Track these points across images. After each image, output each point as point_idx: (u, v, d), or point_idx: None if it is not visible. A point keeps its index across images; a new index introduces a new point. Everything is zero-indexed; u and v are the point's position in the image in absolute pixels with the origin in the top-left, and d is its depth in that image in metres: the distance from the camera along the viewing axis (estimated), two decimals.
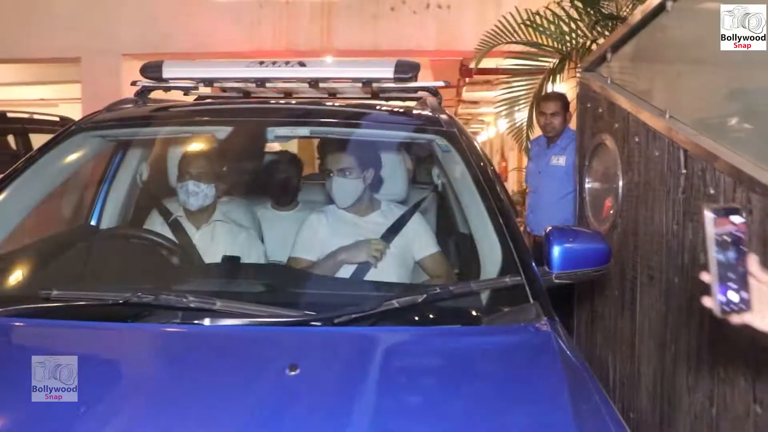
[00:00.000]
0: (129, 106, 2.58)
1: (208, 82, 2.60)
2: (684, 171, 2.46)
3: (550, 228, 2.00)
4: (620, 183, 3.02)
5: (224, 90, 2.83)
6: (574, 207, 3.67)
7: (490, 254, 2.01)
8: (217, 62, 2.58)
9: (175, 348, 1.67)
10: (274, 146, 3.24)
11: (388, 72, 2.49)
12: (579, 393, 1.47)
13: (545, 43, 4.64)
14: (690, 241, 2.40)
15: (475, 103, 14.89)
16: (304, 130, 2.41)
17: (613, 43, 3.24)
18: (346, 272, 2.35)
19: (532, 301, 1.79)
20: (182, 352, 1.64)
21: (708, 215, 1.15)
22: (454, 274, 2.49)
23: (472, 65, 5.83)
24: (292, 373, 1.45)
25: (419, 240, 2.46)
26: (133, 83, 2.67)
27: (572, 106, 4.03)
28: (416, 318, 1.75)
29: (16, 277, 2.13)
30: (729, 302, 1.15)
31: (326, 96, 2.82)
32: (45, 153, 2.28)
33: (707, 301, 1.17)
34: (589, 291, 3.39)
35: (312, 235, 2.48)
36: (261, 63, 2.52)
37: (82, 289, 1.81)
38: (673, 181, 2.53)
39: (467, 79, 10.88)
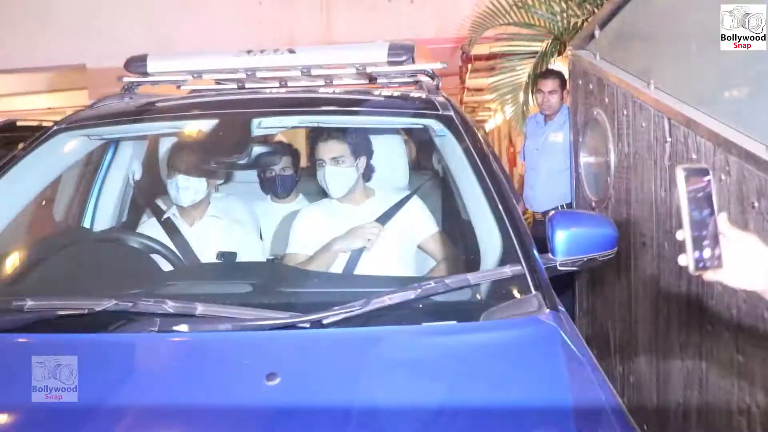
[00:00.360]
0: (113, 102, 2.46)
1: (196, 74, 2.51)
2: (669, 139, 2.57)
3: (553, 212, 1.92)
4: (612, 156, 3.12)
5: (219, 82, 2.76)
6: (572, 182, 3.77)
7: (490, 242, 1.90)
8: (205, 53, 2.50)
9: (149, 360, 1.58)
10: (271, 137, 3.17)
11: (381, 55, 2.38)
12: (583, 393, 1.40)
13: (537, 24, 4.72)
14: (676, 207, 2.50)
15: (479, 90, 14.89)
16: (293, 120, 2.29)
17: (600, 20, 3.33)
18: (340, 264, 2.29)
19: (534, 291, 1.68)
20: (156, 364, 1.55)
21: (680, 174, 1.19)
22: (458, 255, 2.36)
23: (469, 49, 5.88)
24: (271, 383, 1.35)
25: (418, 223, 2.40)
26: (119, 78, 2.56)
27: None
28: (409, 315, 1.62)
29: None
30: (702, 259, 1.18)
31: (322, 84, 2.73)
32: (24, 156, 2.16)
33: (682, 259, 1.20)
34: None
35: (306, 229, 2.43)
36: (249, 52, 2.42)
37: (60, 297, 1.68)
38: (659, 150, 2.63)
39: (470, 66, 10.93)
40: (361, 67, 2.44)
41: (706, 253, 1.18)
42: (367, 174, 2.50)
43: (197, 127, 2.36)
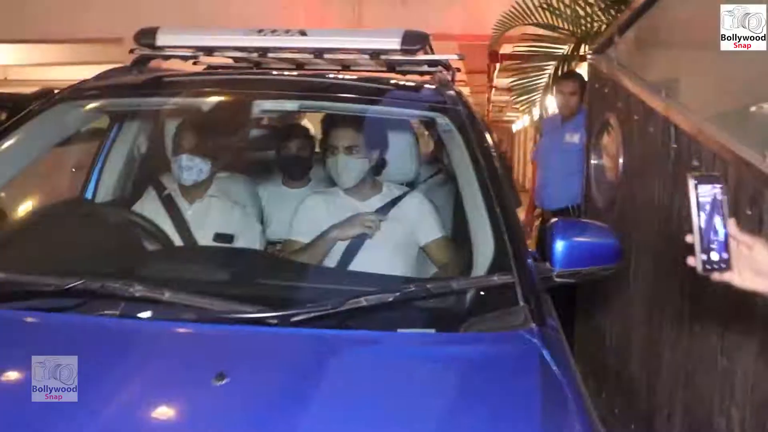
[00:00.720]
0: (120, 75, 2.41)
1: (205, 50, 2.44)
2: (675, 145, 2.63)
3: (554, 220, 1.84)
4: (621, 159, 3.19)
5: (237, 60, 2.68)
6: (583, 184, 3.84)
7: (484, 248, 1.79)
8: (216, 30, 2.45)
9: (96, 346, 1.46)
10: (288, 118, 3.08)
11: (395, 43, 2.27)
12: (554, 420, 1.30)
13: (561, 26, 4.78)
14: (677, 211, 2.57)
15: (509, 90, 14.89)
16: (293, 104, 2.24)
17: (620, 26, 3.39)
18: (335, 258, 2.26)
19: (522, 303, 1.57)
20: (101, 351, 1.45)
21: (691, 182, 1.27)
22: (458, 261, 2.22)
23: (493, 47, 5.95)
24: (219, 382, 1.27)
25: (422, 224, 2.32)
26: (131, 51, 2.46)
27: None
28: (386, 319, 1.53)
29: None
30: (710, 261, 1.25)
31: (338, 69, 2.66)
32: (22, 125, 2.12)
33: (691, 261, 1.27)
34: None
35: (308, 217, 2.39)
36: (260, 31, 2.34)
37: (38, 271, 1.64)
38: (665, 155, 2.69)
39: (497, 65, 10.95)
40: (374, 54, 2.35)
41: (714, 255, 1.26)
42: (378, 167, 2.44)
43: (203, 106, 2.31)
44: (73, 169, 3.02)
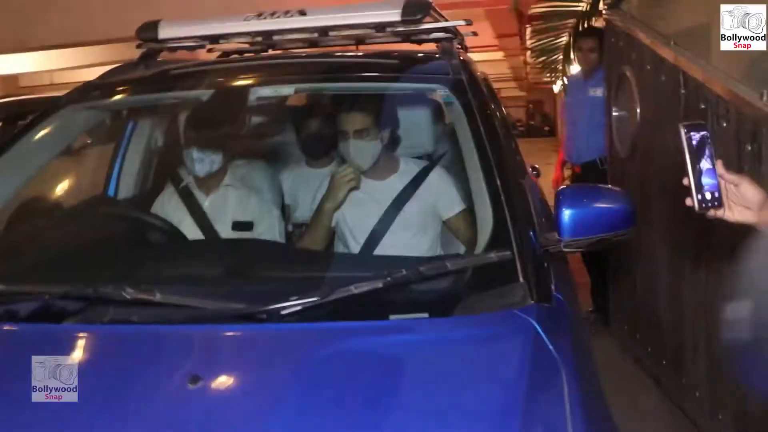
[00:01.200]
0: (125, 72, 2.36)
1: (209, 39, 2.40)
2: (683, 91, 2.75)
3: (562, 187, 1.77)
4: (638, 109, 3.30)
5: (251, 44, 2.63)
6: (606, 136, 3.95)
7: (484, 224, 1.71)
8: (216, 18, 2.40)
9: (88, 355, 1.46)
10: (307, 98, 2.96)
11: (395, 14, 2.16)
12: (539, 406, 1.23)
13: None
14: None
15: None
16: (289, 89, 2.17)
17: None
18: (357, 243, 2.23)
19: (521, 280, 1.50)
20: (97, 356, 1.46)
21: (682, 130, 1.40)
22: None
23: (521, 8, 6.01)
24: (193, 386, 1.23)
25: (443, 198, 2.27)
26: (138, 46, 2.41)
27: None
28: (379, 306, 1.47)
29: None
30: (704, 200, 1.37)
31: (352, 44, 2.58)
32: (28, 131, 2.11)
33: (688, 201, 1.39)
34: None
35: None
36: (259, 15, 2.30)
37: (34, 280, 1.63)
38: (675, 101, 2.81)
39: (528, 27, 10.93)
40: (378, 27, 2.26)
41: (707, 195, 1.38)
42: (392, 144, 2.38)
43: (203, 97, 2.24)
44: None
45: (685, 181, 1.40)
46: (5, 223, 2.20)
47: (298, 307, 1.42)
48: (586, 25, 4.83)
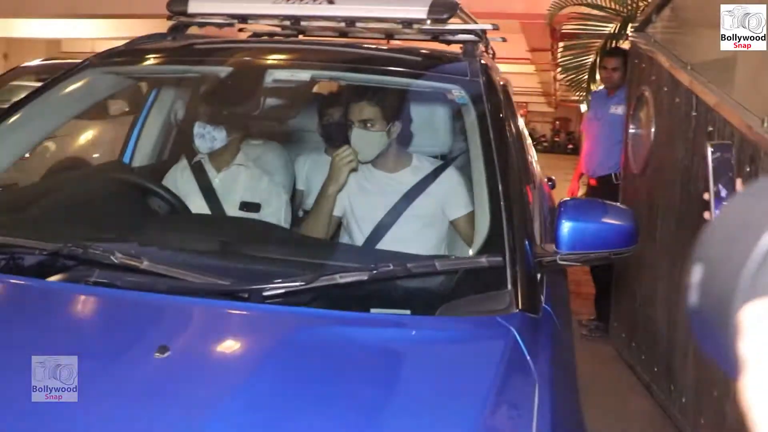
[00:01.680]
0: (152, 42, 2.37)
1: (237, 18, 2.41)
2: (695, 113, 2.92)
3: (564, 199, 1.75)
4: (653, 127, 3.47)
5: (283, 28, 2.66)
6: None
7: (481, 228, 1.71)
8: None
9: (62, 312, 1.49)
10: (325, 85, 2.94)
11: (421, 12, 2.18)
12: (502, 416, 1.20)
13: (609, 6, 5.03)
14: (695, 172, 2.87)
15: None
16: (305, 74, 2.17)
17: (657, 5, 3.66)
18: (362, 234, 2.22)
19: (509, 287, 1.47)
20: (64, 317, 1.48)
21: (709, 148, 1.49)
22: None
23: (554, 25, 6.18)
24: (160, 355, 1.23)
25: (452, 198, 2.24)
26: (169, 18, 2.43)
27: None
28: (362, 298, 1.47)
29: None
30: None
31: (381, 38, 2.61)
32: (49, 89, 2.13)
33: (707, 215, 1.44)
34: None
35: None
36: (288, 0, 2.31)
37: (34, 234, 1.66)
38: (687, 123, 2.98)
39: (560, 45, 11.07)
40: (404, 23, 2.28)
41: None
42: (405, 139, 2.37)
43: (220, 74, 2.27)
44: None
45: (705, 196, 1.45)
46: (14, 180, 2.23)
47: (281, 290, 1.42)
48: (612, 46, 5.01)
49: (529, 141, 3.12)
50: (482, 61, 2.14)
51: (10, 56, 13.48)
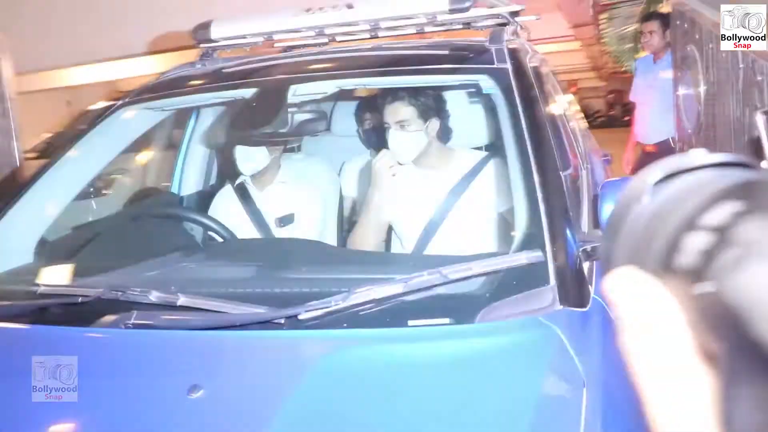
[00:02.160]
0: (183, 71, 2.38)
1: (259, 36, 2.40)
2: (741, 65, 2.93)
3: (605, 181, 1.68)
4: (702, 86, 3.48)
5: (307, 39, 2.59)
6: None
7: (519, 222, 1.61)
8: (265, 14, 2.42)
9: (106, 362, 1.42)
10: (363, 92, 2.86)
11: (443, 3, 2.17)
12: (545, 429, 1.11)
13: None
14: (747, 125, 2.88)
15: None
16: (330, 84, 2.06)
17: None
18: (411, 237, 2.17)
19: (552, 283, 1.39)
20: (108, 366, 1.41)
21: (760, 116, 1.68)
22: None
23: None
24: (194, 395, 1.17)
25: (498, 189, 2.16)
26: (195, 46, 2.46)
27: None
28: (398, 312, 1.36)
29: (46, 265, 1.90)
30: None
31: (412, 34, 2.52)
32: (87, 131, 2.15)
33: None
34: None
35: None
36: (308, 10, 2.31)
37: (76, 280, 1.65)
38: (735, 76, 2.99)
39: (601, 16, 10.96)
40: (428, 16, 2.24)
41: None
42: (445, 135, 2.29)
43: (245, 95, 2.17)
44: None
45: (764, 164, 1.56)
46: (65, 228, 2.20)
47: (311, 313, 1.33)
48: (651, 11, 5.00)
49: (576, 120, 3.11)
50: (509, 46, 2.04)
51: (73, 103, 14.07)
